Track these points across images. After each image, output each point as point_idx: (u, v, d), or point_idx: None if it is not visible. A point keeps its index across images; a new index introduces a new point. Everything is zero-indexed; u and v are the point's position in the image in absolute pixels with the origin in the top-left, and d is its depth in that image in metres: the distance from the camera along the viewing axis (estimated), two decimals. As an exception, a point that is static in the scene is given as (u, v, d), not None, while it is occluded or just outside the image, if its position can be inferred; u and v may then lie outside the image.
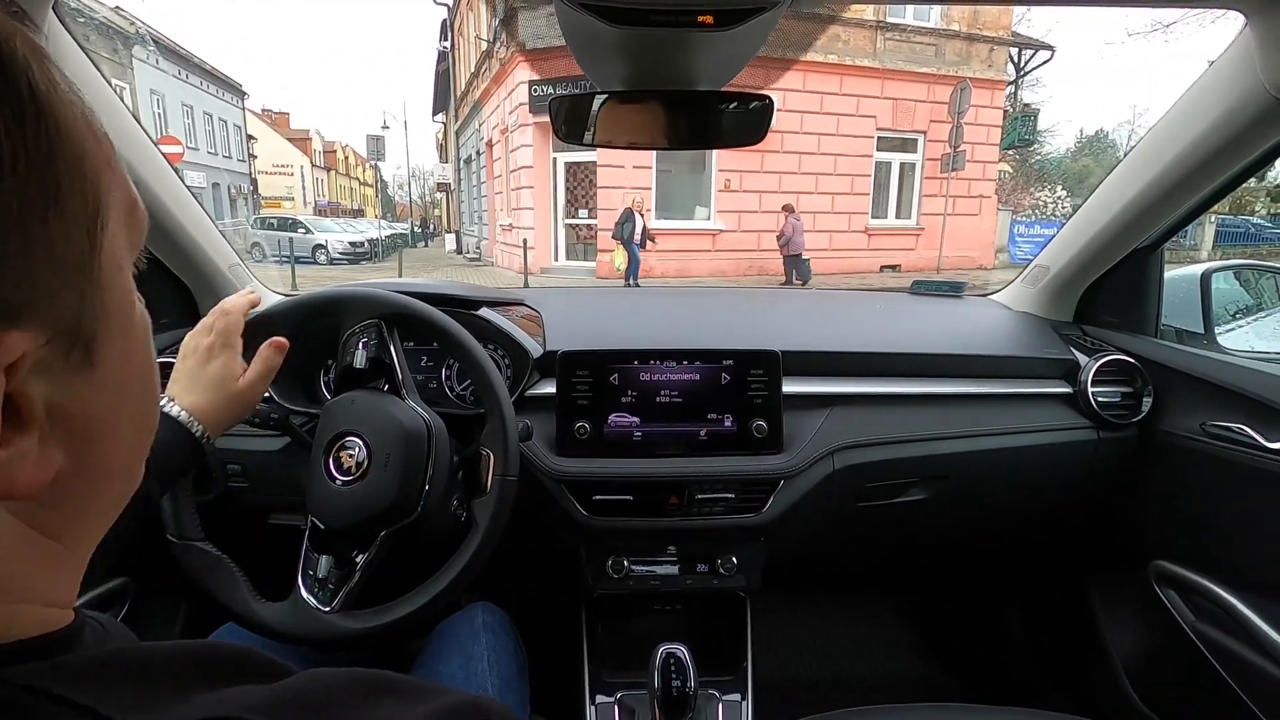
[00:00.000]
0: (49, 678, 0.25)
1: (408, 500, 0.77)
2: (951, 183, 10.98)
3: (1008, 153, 13.01)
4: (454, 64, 17.77)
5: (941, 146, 10.99)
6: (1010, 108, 12.41)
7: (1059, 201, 19.90)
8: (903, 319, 1.32)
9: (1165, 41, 20.02)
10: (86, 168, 0.25)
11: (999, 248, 12.92)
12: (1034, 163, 21.33)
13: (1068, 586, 1.30)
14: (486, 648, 0.82)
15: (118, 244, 0.28)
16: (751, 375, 0.99)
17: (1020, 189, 19.09)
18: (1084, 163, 24.46)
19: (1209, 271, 1.22)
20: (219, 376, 0.72)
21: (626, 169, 10.06)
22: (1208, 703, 1.00)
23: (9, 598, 0.26)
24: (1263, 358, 1.16)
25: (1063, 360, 1.13)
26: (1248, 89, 0.79)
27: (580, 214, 11.03)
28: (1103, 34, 47.92)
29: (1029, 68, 13.25)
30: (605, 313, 1.30)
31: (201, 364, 0.73)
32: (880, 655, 1.54)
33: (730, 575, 1.02)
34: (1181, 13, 18.45)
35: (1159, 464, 1.09)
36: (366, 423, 0.80)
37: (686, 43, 0.69)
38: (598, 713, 1.03)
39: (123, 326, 0.28)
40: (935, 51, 11.31)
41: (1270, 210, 17.81)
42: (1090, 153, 26.61)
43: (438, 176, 23.20)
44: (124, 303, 0.28)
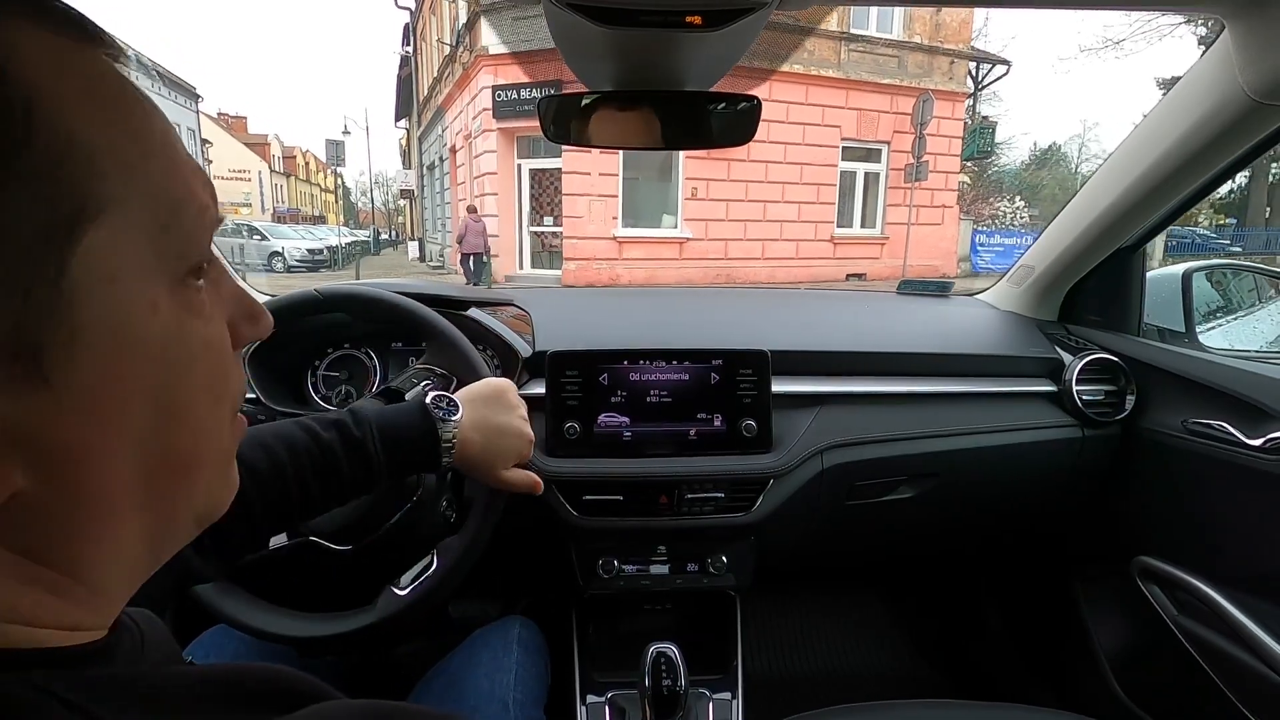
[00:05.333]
0: (69, 684, 0.25)
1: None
2: (915, 192, 11.10)
3: (966, 164, 13.24)
4: (417, 69, 17.37)
5: (905, 157, 11.14)
6: (969, 120, 12.62)
7: (1018, 212, 20.26)
8: (890, 319, 1.33)
9: (1116, 58, 20.45)
10: (66, 175, 0.23)
11: (961, 257, 13.05)
12: (991, 174, 21.66)
13: (1053, 582, 1.31)
14: (516, 662, 0.81)
15: (113, 256, 0.25)
16: (741, 375, 0.99)
17: (981, 199, 19.39)
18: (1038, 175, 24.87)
19: (1190, 271, 1.24)
20: (512, 429, 0.72)
21: (592, 176, 9.95)
22: (1191, 696, 1.01)
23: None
24: (1243, 356, 1.18)
25: (1047, 359, 1.15)
26: (1227, 91, 0.80)
27: (545, 221, 10.86)
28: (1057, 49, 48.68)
29: (986, 81, 13.53)
30: (595, 313, 1.30)
31: (507, 411, 0.72)
32: (869, 652, 1.55)
33: (720, 574, 1.02)
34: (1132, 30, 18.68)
35: (1142, 461, 1.10)
36: None
37: (675, 43, 0.69)
38: (589, 712, 1.03)
39: (109, 344, 0.25)
40: (898, 63, 11.42)
41: (1213, 222, 18.80)
42: (1044, 165, 27.07)
43: (401, 183, 22.67)
44: (113, 319, 0.25)
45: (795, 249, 11.15)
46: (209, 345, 0.30)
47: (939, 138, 11.47)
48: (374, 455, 0.62)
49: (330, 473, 0.61)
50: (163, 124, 0.28)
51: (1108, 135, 68.51)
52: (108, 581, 0.29)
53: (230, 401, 0.32)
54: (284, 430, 0.61)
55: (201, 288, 0.29)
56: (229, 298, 0.32)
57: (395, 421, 0.65)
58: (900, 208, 11.38)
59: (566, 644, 1.08)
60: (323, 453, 0.60)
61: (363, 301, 0.87)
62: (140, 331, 0.26)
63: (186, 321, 0.28)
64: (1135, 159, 0.98)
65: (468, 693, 0.75)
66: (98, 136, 0.25)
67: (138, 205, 0.26)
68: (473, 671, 0.78)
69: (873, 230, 11.94)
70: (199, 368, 0.29)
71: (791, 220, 11.07)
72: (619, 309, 1.36)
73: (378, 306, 0.86)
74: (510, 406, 0.72)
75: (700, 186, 10.57)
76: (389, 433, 0.64)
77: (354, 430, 0.62)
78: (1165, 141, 0.92)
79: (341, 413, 0.65)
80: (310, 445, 0.60)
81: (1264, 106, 0.78)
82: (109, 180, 0.25)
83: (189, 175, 0.28)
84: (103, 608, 0.29)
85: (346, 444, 0.62)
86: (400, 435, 0.64)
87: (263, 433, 0.60)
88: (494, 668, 0.79)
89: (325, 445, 0.61)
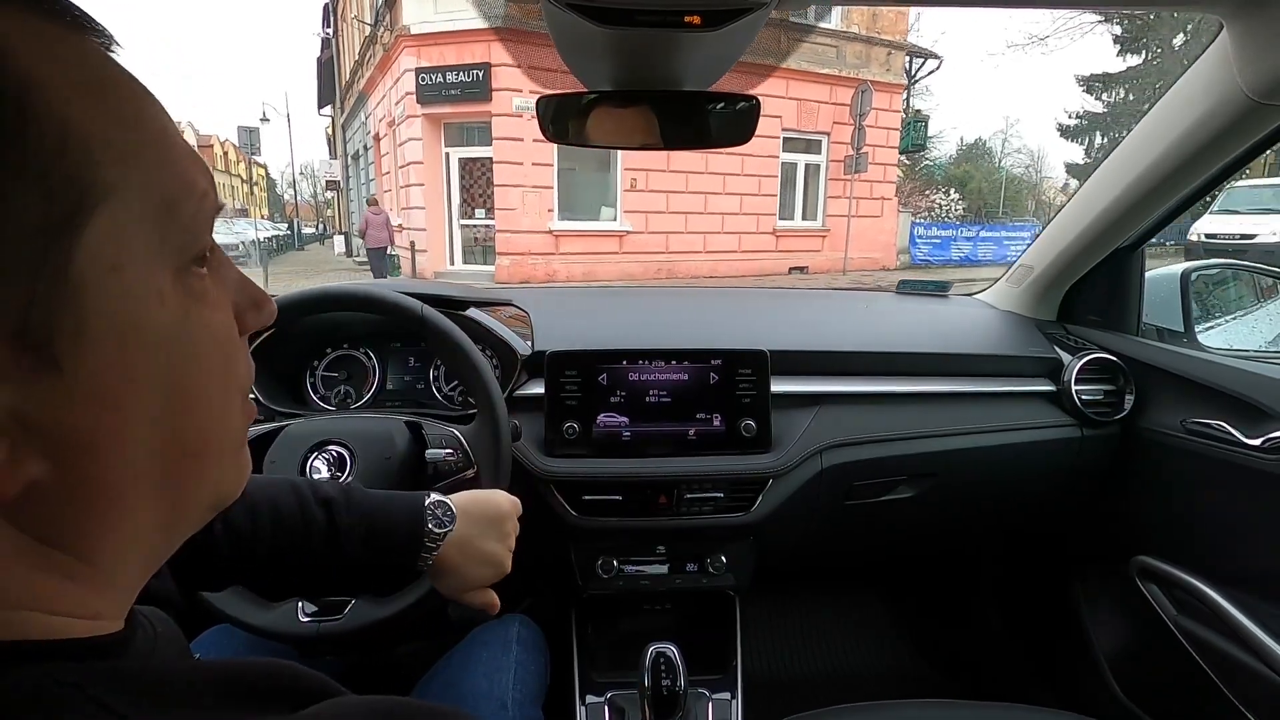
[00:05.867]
0: (89, 678, 0.25)
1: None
2: (855, 184, 11.01)
3: (900, 158, 13.25)
4: (338, 51, 16.35)
5: (844, 148, 10.93)
6: (904, 113, 12.63)
7: (953, 204, 20.31)
8: (889, 318, 1.33)
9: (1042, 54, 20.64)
10: (67, 164, 0.23)
11: (900, 249, 13.04)
12: (921, 169, 21.76)
13: (1052, 582, 1.31)
14: (515, 661, 0.80)
15: (116, 245, 0.25)
16: (740, 375, 0.99)
17: (917, 191, 19.45)
18: (965, 168, 25.17)
19: (1189, 271, 1.24)
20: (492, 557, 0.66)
21: (525, 166, 9.35)
22: (1190, 695, 1.01)
23: (6, 603, 0.26)
24: (1242, 355, 1.18)
25: (1046, 359, 1.15)
26: (1225, 91, 0.80)
27: (477, 214, 10.18)
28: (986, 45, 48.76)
29: (919, 75, 13.64)
30: (594, 313, 1.30)
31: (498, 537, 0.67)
32: (869, 652, 1.55)
33: (719, 574, 1.02)
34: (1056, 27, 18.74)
35: (1141, 461, 1.10)
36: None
37: (674, 43, 0.69)
38: (588, 713, 1.03)
39: (115, 333, 0.25)
40: (836, 53, 11.22)
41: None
42: (970, 159, 27.30)
43: (326, 174, 21.31)
44: (118, 308, 0.25)
45: (737, 242, 10.92)
46: (215, 333, 0.30)
47: (877, 129, 11.31)
48: (353, 552, 0.60)
49: (304, 552, 0.59)
50: (158, 111, 0.28)
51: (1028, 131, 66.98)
52: (123, 568, 0.29)
53: (239, 387, 0.32)
54: (276, 498, 0.60)
55: (205, 275, 0.30)
56: (233, 285, 0.32)
57: (388, 518, 0.62)
58: (840, 199, 11.37)
59: (566, 644, 1.08)
60: (305, 530, 0.59)
61: (368, 301, 0.87)
62: (147, 319, 0.26)
63: (193, 309, 0.28)
64: (1134, 159, 0.98)
65: (466, 692, 0.75)
66: (94, 125, 0.25)
67: (138, 194, 0.26)
68: (471, 671, 0.78)
69: (814, 223, 11.80)
70: (207, 355, 0.29)
71: (733, 212, 10.81)
72: (618, 308, 1.36)
73: (383, 307, 0.86)
74: (503, 535, 0.67)
75: (639, 177, 10.10)
76: (377, 529, 0.61)
77: (343, 516, 0.61)
78: (1164, 141, 0.92)
79: (339, 491, 0.62)
80: (296, 522, 0.59)
81: (1262, 106, 0.78)
82: (108, 169, 0.25)
83: (187, 163, 0.29)
84: (118, 595, 0.30)
85: (330, 531, 0.60)
86: (386, 537, 0.61)
87: (255, 495, 0.59)
88: (492, 667, 0.79)
89: (310, 523, 0.59)
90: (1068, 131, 22.44)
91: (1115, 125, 21.16)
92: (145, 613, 0.33)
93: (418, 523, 0.62)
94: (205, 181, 0.29)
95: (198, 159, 0.29)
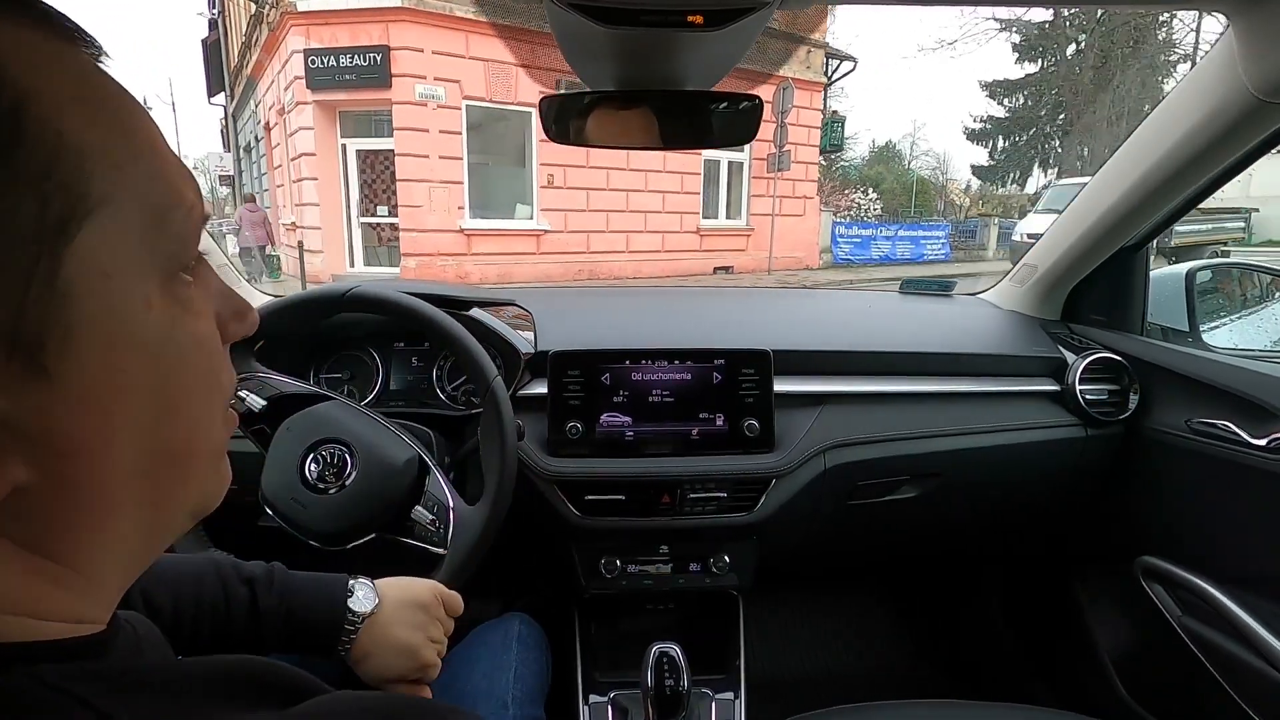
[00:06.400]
0: (75, 679, 0.25)
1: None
2: (778, 183, 10.77)
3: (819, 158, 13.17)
4: (225, 32, 14.61)
5: (767, 146, 10.60)
6: (823, 113, 12.56)
7: (871, 204, 20.48)
8: (893, 318, 1.33)
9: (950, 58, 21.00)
10: (59, 172, 0.24)
11: (823, 248, 12.90)
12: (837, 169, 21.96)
13: (1056, 582, 1.31)
14: (516, 660, 0.80)
15: (108, 252, 0.25)
16: (743, 374, 0.99)
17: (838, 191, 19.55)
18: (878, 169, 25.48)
19: (1194, 270, 1.24)
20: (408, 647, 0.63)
21: (431, 159, 8.55)
22: (1194, 696, 1.01)
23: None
24: (1247, 355, 1.18)
25: (1050, 358, 1.14)
26: (1231, 89, 0.80)
27: (379, 211, 9.25)
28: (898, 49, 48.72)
29: (835, 77, 13.50)
30: (597, 312, 1.30)
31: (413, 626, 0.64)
32: (872, 652, 1.55)
33: (722, 574, 1.02)
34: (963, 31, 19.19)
35: (1145, 460, 1.10)
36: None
37: (676, 43, 0.69)
38: (591, 712, 1.03)
39: (104, 339, 0.26)
40: (758, 49, 10.81)
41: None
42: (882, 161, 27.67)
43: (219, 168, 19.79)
44: (107, 315, 0.26)
45: (661, 241, 10.41)
46: (200, 341, 0.30)
47: (799, 127, 11.13)
48: (273, 633, 0.60)
49: (225, 634, 0.59)
50: (149, 123, 0.29)
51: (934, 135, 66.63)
52: (106, 573, 0.30)
53: (222, 396, 0.33)
54: (201, 577, 0.59)
55: (191, 284, 0.30)
56: (216, 294, 0.33)
57: (309, 599, 0.61)
58: (764, 198, 11.03)
59: (569, 644, 1.08)
60: (228, 611, 0.59)
61: (375, 303, 0.87)
62: (135, 327, 0.27)
63: (179, 318, 0.29)
64: (1139, 157, 0.98)
65: (466, 691, 0.75)
66: (87, 136, 0.25)
67: (129, 204, 0.26)
68: (471, 669, 0.78)
69: (738, 222, 11.41)
70: (192, 363, 0.30)
71: (656, 211, 10.28)
72: (621, 308, 1.36)
73: (388, 308, 0.86)
74: (419, 625, 0.64)
75: (557, 173, 9.32)
76: (298, 611, 0.61)
77: (265, 597, 0.60)
78: (1169, 140, 0.91)
79: (263, 571, 0.62)
80: (218, 603, 0.59)
81: (1268, 104, 0.78)
82: (100, 179, 0.25)
83: (176, 174, 0.29)
84: (101, 600, 0.30)
85: (251, 611, 0.60)
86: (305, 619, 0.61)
87: (178, 575, 0.58)
88: (492, 665, 0.79)
89: (232, 602, 0.59)
90: (973, 135, 23.16)
91: (1017, 129, 22.02)
92: (127, 617, 0.34)
93: (339, 607, 0.61)
94: (193, 193, 0.30)
95: (186, 171, 0.30)
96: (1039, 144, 22.42)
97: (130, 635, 0.32)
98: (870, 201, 20.52)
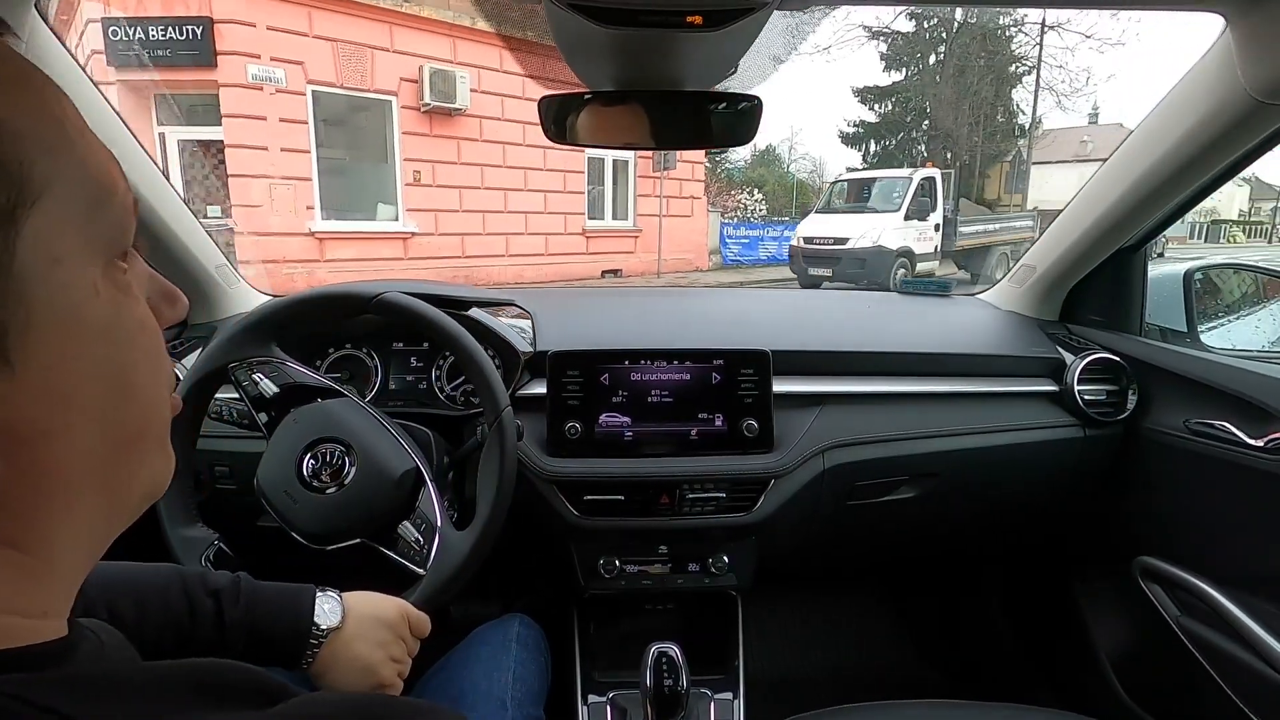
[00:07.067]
0: (37, 688, 0.25)
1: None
2: (664, 183, 10.24)
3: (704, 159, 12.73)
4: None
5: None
6: None
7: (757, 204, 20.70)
8: (891, 318, 1.33)
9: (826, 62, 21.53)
10: (3, 156, 0.24)
11: (711, 249, 12.64)
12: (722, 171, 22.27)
13: (1054, 583, 1.31)
14: (515, 660, 0.80)
15: (57, 238, 0.26)
16: (742, 375, 0.99)
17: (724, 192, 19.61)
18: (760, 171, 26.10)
19: (1192, 271, 1.24)
20: (367, 664, 0.62)
21: (272, 152, 7.32)
22: (1193, 697, 1.01)
23: None
24: (1245, 356, 1.18)
25: (1049, 359, 1.14)
26: (1228, 91, 0.80)
27: (210, 212, 7.64)
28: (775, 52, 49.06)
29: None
30: (596, 313, 1.30)
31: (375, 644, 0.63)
32: (870, 653, 1.55)
33: (721, 574, 1.02)
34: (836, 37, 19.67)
35: (1144, 461, 1.10)
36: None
37: (676, 43, 0.69)
38: (590, 712, 1.03)
39: (60, 325, 0.26)
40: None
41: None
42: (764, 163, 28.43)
43: None
44: (62, 301, 0.26)
45: (544, 244, 9.54)
46: (143, 324, 0.31)
47: None
48: (237, 644, 0.59)
49: (186, 644, 0.58)
50: (73, 108, 0.28)
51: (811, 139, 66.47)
52: (68, 562, 0.30)
53: (167, 378, 0.33)
54: (166, 588, 0.59)
55: (126, 269, 0.30)
56: (144, 279, 0.33)
57: (276, 611, 0.61)
58: (650, 198, 10.49)
59: (568, 644, 1.08)
60: (192, 623, 0.58)
61: (400, 311, 0.86)
62: (86, 312, 0.27)
63: (122, 302, 0.29)
64: (1137, 159, 0.98)
65: (465, 691, 0.75)
66: (23, 121, 0.25)
67: (68, 190, 0.26)
68: (471, 670, 0.78)
69: (625, 223, 10.69)
70: (140, 345, 0.30)
71: (538, 211, 9.38)
72: (620, 308, 1.36)
73: (412, 318, 0.86)
74: (381, 643, 0.64)
75: (425, 170, 8.36)
76: (263, 623, 0.60)
77: (230, 611, 0.60)
78: (1167, 141, 0.92)
79: (229, 581, 0.61)
80: (182, 614, 0.58)
81: (1266, 105, 0.78)
82: (40, 164, 0.25)
83: (107, 160, 0.29)
84: (63, 592, 0.30)
85: (216, 622, 0.59)
86: (268, 634, 0.60)
87: (143, 585, 0.58)
88: (492, 666, 0.78)
89: (196, 615, 0.59)
90: (848, 138, 23.95)
91: (887, 133, 23.03)
92: (91, 624, 0.33)
93: (304, 620, 0.61)
94: (123, 178, 0.30)
95: (113, 155, 0.30)
96: (907, 148, 23.38)
97: (94, 642, 0.32)
98: (756, 202, 20.86)
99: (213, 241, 1.13)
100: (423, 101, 8.02)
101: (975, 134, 20.91)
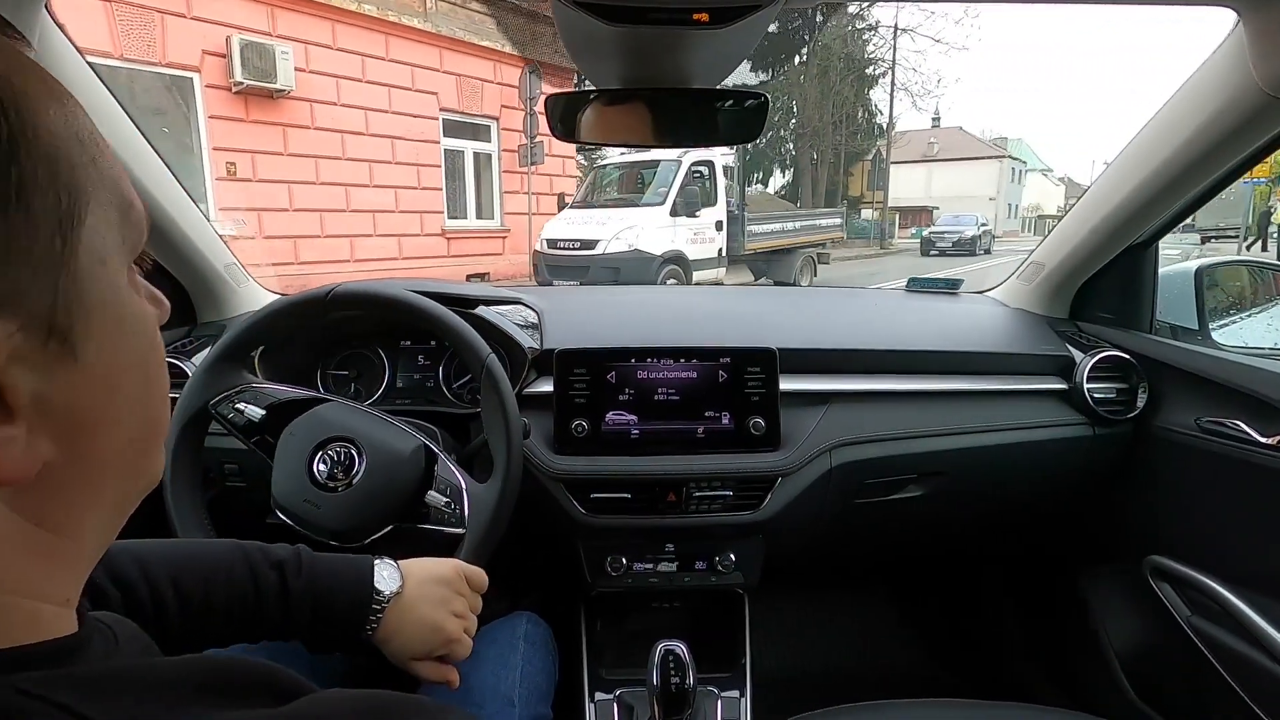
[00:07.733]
0: (53, 685, 0.25)
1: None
2: (533, 179, 9.17)
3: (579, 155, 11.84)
4: None
5: (517, 136, 8.77)
6: None
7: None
8: (899, 316, 1.33)
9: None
10: (60, 166, 0.26)
11: None
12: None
13: (1063, 581, 1.31)
14: (523, 658, 0.80)
15: (101, 241, 0.28)
16: (749, 373, 0.99)
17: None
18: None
19: (1203, 268, 1.23)
20: (434, 624, 0.64)
21: None
22: (1203, 697, 1.00)
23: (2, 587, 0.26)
24: (1257, 353, 1.17)
25: (1058, 357, 1.14)
26: (1240, 86, 0.79)
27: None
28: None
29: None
30: (602, 311, 1.30)
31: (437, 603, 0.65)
32: (878, 651, 1.54)
33: (728, 572, 1.02)
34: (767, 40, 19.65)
35: (1154, 459, 1.09)
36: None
37: (682, 40, 0.69)
38: (597, 710, 1.03)
39: (110, 321, 0.28)
40: (496, 24, 9.08)
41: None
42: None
43: None
44: (110, 298, 0.28)
45: (398, 246, 8.46)
46: (154, 323, 0.33)
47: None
48: (303, 615, 0.60)
49: (256, 620, 0.59)
50: (90, 119, 0.30)
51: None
52: (92, 547, 0.31)
53: (167, 374, 0.35)
54: (231, 565, 0.60)
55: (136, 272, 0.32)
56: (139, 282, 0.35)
57: (338, 582, 0.62)
58: (518, 195, 9.46)
59: (575, 641, 1.08)
60: (258, 597, 0.59)
61: (357, 299, 0.87)
62: (126, 308, 0.30)
63: (141, 302, 0.32)
64: (1147, 155, 0.97)
65: (473, 689, 0.75)
66: (66, 131, 0.27)
67: (104, 196, 0.28)
68: (478, 668, 0.78)
69: (491, 222, 9.70)
70: (156, 342, 0.33)
71: (388, 210, 8.31)
72: (626, 307, 1.36)
73: (371, 302, 0.87)
74: (443, 600, 0.65)
75: (241, 161, 7.07)
76: (325, 594, 0.61)
77: (293, 582, 0.61)
78: (1178, 137, 0.91)
79: (290, 553, 0.62)
80: (247, 589, 0.59)
81: (1278, 101, 0.77)
82: (83, 171, 0.27)
83: (120, 167, 0.31)
84: (81, 579, 0.31)
85: (281, 592, 0.60)
86: (332, 599, 0.61)
87: (208, 562, 0.59)
88: (499, 664, 0.78)
89: (261, 588, 0.60)
90: None
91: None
92: (104, 618, 0.34)
93: (365, 587, 0.62)
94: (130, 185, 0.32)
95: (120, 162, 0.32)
96: (777, 146, 24.04)
97: (107, 637, 0.32)
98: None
99: (222, 241, 1.14)
100: (233, 80, 6.66)
101: (839, 132, 21.74)
